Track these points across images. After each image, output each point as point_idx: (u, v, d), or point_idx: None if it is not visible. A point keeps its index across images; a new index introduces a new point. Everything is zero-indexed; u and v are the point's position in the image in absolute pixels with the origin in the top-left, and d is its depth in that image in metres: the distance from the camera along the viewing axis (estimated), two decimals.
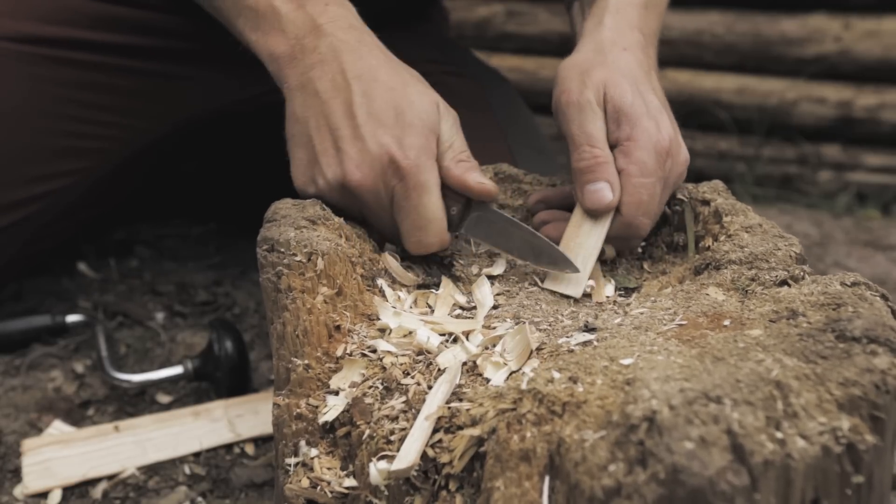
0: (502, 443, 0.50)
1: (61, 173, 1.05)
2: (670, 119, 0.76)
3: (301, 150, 0.74)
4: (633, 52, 0.79)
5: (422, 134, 0.70)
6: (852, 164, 2.09)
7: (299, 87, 0.74)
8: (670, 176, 0.75)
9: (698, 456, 0.43)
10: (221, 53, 1.11)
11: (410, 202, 0.70)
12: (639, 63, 0.78)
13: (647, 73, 0.79)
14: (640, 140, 0.72)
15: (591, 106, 0.74)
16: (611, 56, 0.77)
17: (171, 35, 1.08)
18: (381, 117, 0.70)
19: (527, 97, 1.45)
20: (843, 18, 2.02)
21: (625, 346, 0.56)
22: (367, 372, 0.60)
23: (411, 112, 0.71)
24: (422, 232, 0.71)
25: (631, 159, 0.72)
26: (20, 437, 0.95)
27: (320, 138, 0.72)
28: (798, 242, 0.69)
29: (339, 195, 0.72)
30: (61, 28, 1.02)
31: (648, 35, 0.83)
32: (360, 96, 0.71)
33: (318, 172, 0.72)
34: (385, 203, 0.71)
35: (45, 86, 1.01)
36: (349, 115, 0.71)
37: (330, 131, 0.71)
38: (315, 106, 0.72)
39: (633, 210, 0.72)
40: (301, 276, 0.63)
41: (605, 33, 0.79)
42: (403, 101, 0.71)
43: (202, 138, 1.30)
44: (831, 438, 0.46)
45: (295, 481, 0.60)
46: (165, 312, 1.25)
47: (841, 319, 0.54)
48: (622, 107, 0.73)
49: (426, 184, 0.70)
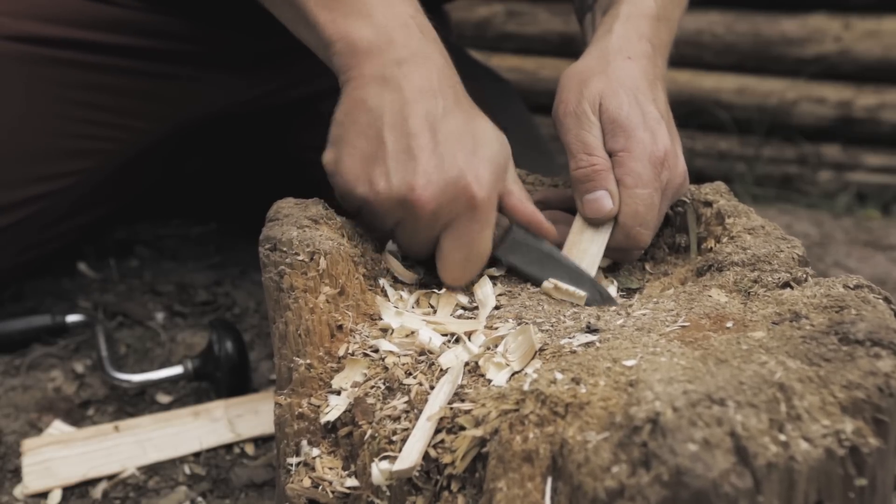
0: (505, 443, 0.50)
1: (63, 174, 1.05)
2: (669, 131, 0.76)
3: (363, 141, 0.68)
4: (638, 62, 0.78)
5: (494, 171, 0.68)
6: (852, 164, 2.10)
7: (378, 79, 0.69)
8: (668, 187, 0.74)
9: (702, 458, 0.43)
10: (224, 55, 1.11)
11: (471, 234, 0.67)
12: (643, 73, 0.77)
13: (651, 84, 0.78)
14: (634, 151, 0.72)
15: (586, 116, 0.74)
16: (613, 65, 0.76)
17: (174, 37, 1.08)
18: (461, 140, 0.67)
19: (527, 97, 1.45)
20: (843, 18, 2.02)
21: (627, 347, 0.56)
22: (370, 372, 0.60)
23: (489, 145, 0.68)
24: (470, 264, 0.69)
25: (625, 170, 0.72)
26: (20, 437, 0.95)
27: (394, 138, 0.67)
28: (800, 245, 0.69)
29: (392, 204, 0.67)
30: (63, 29, 1.01)
31: (658, 46, 0.82)
32: (445, 111, 0.68)
33: (379, 174, 0.67)
34: (437, 227, 0.68)
35: (46, 86, 1.01)
36: (431, 128, 0.67)
37: (406, 135, 0.67)
38: (396, 102, 0.68)
39: (631, 220, 0.72)
40: (303, 275, 0.62)
41: (613, 41, 0.79)
42: (482, 132, 0.69)
43: (203, 139, 1.30)
44: (835, 441, 0.46)
45: (297, 481, 0.60)
46: (165, 312, 1.24)
47: (844, 322, 0.54)
48: (617, 118, 0.73)
49: (490, 220, 0.68)
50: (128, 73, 1.06)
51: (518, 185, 0.72)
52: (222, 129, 1.27)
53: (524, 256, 0.73)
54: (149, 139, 1.13)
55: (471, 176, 0.66)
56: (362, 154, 0.68)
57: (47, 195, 1.05)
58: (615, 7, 0.83)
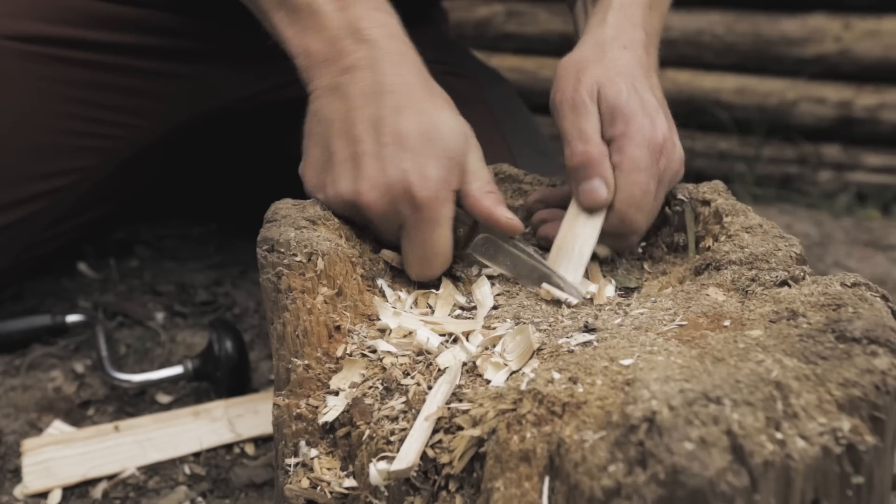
0: (502, 443, 0.50)
1: (64, 172, 1.06)
2: (667, 118, 0.76)
3: (318, 150, 0.72)
4: (634, 50, 0.78)
5: (445, 166, 0.67)
6: (852, 164, 2.09)
7: (329, 88, 0.71)
8: (665, 173, 0.75)
9: (698, 457, 0.43)
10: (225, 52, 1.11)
11: (421, 234, 0.68)
12: (639, 61, 0.78)
13: (647, 72, 0.78)
14: (633, 136, 0.72)
15: (584, 104, 0.74)
16: (610, 53, 0.77)
17: (175, 34, 1.08)
18: (407, 139, 0.67)
19: (527, 97, 1.45)
20: (843, 18, 2.02)
21: (625, 346, 0.56)
22: (367, 372, 0.60)
23: (439, 140, 0.68)
24: (427, 264, 0.70)
25: (624, 155, 0.72)
26: (20, 437, 0.95)
27: (340, 145, 0.69)
28: (798, 243, 0.69)
29: (345, 208, 0.70)
30: (65, 28, 1.02)
31: (651, 34, 0.82)
32: (389, 111, 0.68)
33: (329, 181, 0.70)
34: (393, 227, 0.69)
35: (48, 85, 1.01)
36: (375, 130, 0.68)
37: (352, 141, 0.69)
38: (342, 110, 0.70)
39: (626, 205, 0.72)
40: (301, 276, 0.63)
41: (608, 30, 0.79)
42: (433, 127, 0.68)
43: (202, 138, 1.30)
44: (831, 439, 0.46)
45: (295, 481, 0.60)
46: (165, 312, 1.25)
47: (841, 320, 0.54)
48: (616, 104, 0.73)
49: (440, 218, 0.68)
50: (129, 72, 1.07)
51: (480, 179, 0.71)
52: (222, 128, 1.28)
53: (494, 254, 0.73)
54: (150, 137, 1.13)
55: (414, 176, 0.66)
56: (317, 163, 0.72)
57: (49, 193, 1.05)
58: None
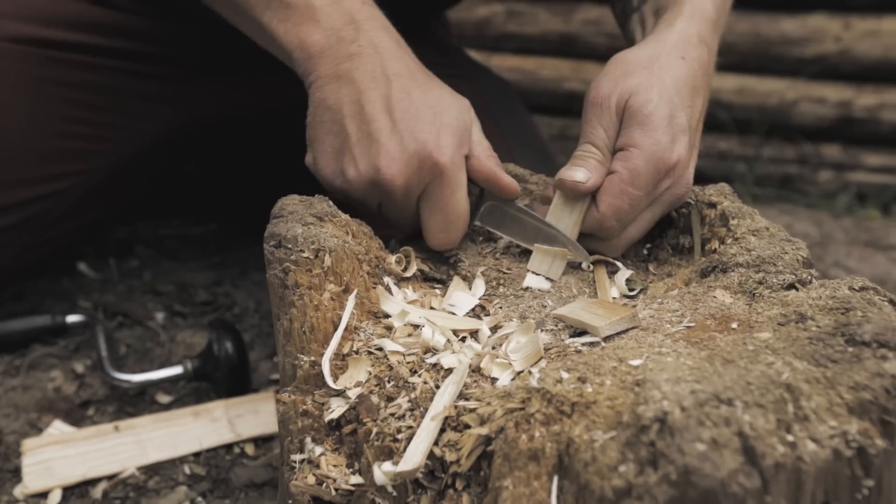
0: (510, 442, 0.50)
1: (64, 174, 1.05)
2: (692, 144, 0.75)
3: (330, 137, 0.73)
4: (690, 65, 0.76)
5: (456, 135, 0.71)
6: (852, 164, 2.10)
7: (333, 77, 0.74)
8: (665, 195, 0.74)
9: (710, 457, 0.43)
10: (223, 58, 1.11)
11: (444, 198, 0.71)
12: (691, 77, 0.76)
13: (693, 92, 0.76)
14: (644, 149, 0.72)
15: (609, 110, 0.74)
16: (662, 61, 0.75)
17: (173, 40, 1.08)
18: (418, 114, 0.71)
19: (527, 97, 1.45)
20: (843, 18, 2.02)
21: (633, 347, 0.56)
22: (374, 370, 0.60)
23: (447, 113, 0.72)
24: (451, 227, 0.73)
25: (626, 164, 0.72)
26: (20, 437, 0.94)
27: (355, 127, 0.72)
28: (805, 247, 0.68)
29: (366, 188, 0.72)
30: (64, 31, 1.01)
31: (712, 52, 0.81)
32: (399, 91, 0.72)
33: (348, 163, 0.72)
34: (413, 199, 0.72)
35: (46, 87, 1.01)
36: (387, 109, 0.71)
37: (365, 122, 0.71)
38: (351, 94, 0.72)
39: (609, 211, 0.73)
40: (308, 272, 0.62)
41: (673, 36, 0.78)
42: (439, 102, 0.72)
43: (203, 139, 1.30)
44: (842, 442, 0.46)
45: (301, 478, 0.59)
46: (165, 312, 1.24)
47: (850, 323, 0.54)
48: (638, 114, 0.72)
49: (461, 182, 0.72)
50: (128, 76, 1.06)
51: (482, 146, 0.75)
52: (222, 129, 1.27)
53: (501, 221, 0.77)
54: (149, 140, 1.13)
55: (432, 144, 0.70)
56: (332, 149, 0.73)
57: (48, 195, 1.05)
58: (678, 5, 0.81)
